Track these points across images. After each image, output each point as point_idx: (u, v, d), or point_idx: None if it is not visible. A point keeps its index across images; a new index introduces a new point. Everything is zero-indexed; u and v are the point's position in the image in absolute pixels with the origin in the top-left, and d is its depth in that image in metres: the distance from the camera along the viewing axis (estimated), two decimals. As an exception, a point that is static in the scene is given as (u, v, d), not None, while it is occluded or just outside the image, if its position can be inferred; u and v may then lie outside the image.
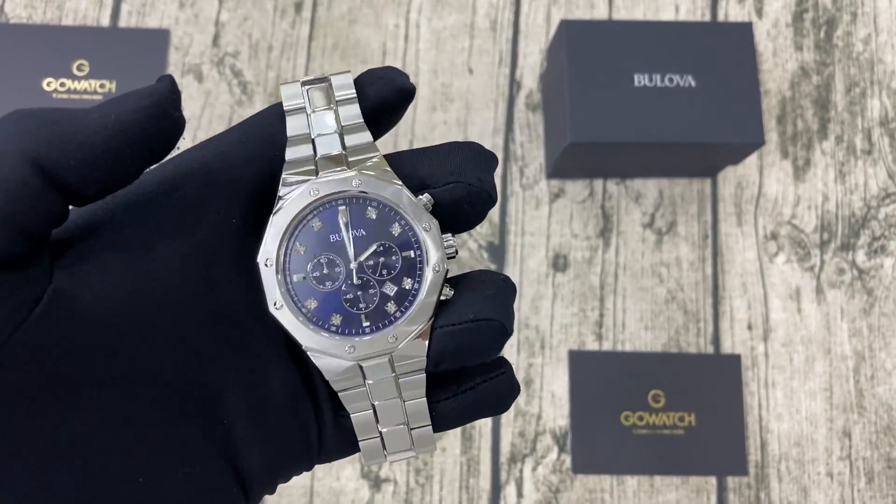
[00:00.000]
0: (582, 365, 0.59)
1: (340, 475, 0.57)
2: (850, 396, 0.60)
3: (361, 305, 0.22)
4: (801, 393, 0.60)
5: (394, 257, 0.22)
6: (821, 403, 0.60)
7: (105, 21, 0.65)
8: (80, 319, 0.19)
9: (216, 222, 0.21)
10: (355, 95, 0.22)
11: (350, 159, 0.22)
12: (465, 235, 0.60)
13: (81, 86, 0.63)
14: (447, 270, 0.22)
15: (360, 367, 0.21)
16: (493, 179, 0.23)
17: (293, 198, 0.21)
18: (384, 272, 0.22)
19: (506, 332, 0.22)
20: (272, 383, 0.22)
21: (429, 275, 0.22)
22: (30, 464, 0.18)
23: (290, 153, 0.22)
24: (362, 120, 0.22)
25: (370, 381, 0.21)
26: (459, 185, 0.22)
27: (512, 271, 0.61)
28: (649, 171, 0.62)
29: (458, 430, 0.58)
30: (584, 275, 0.61)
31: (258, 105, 0.63)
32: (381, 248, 0.22)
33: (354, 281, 0.22)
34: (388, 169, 0.22)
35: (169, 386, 0.20)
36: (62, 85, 0.63)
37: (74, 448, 0.19)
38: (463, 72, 0.65)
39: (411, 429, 0.22)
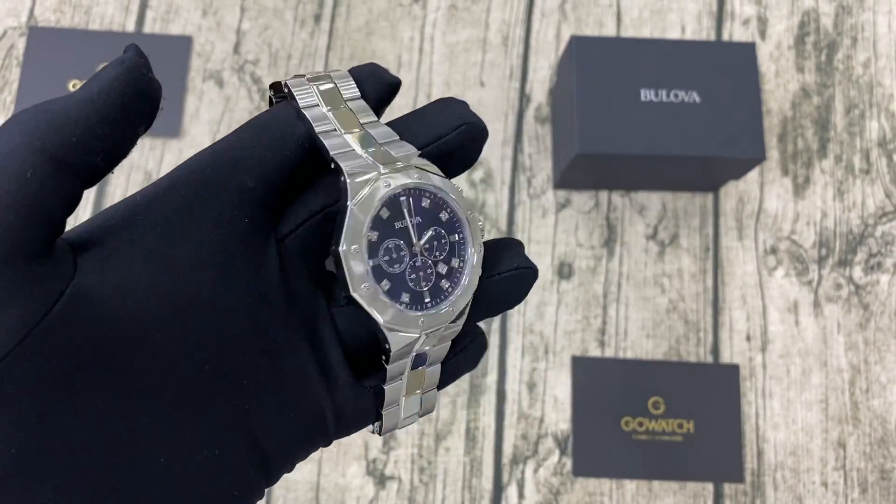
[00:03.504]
0: (584, 370, 0.61)
1: (346, 472, 0.59)
2: (846, 408, 0.61)
3: (423, 284, 0.24)
4: (798, 404, 0.61)
5: (443, 241, 0.25)
6: (816, 414, 0.61)
7: (130, 27, 0.67)
8: (103, 313, 0.20)
9: (229, 222, 0.23)
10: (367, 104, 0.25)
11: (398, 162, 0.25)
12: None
13: (106, 88, 0.65)
14: (483, 249, 0.26)
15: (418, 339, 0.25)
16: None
17: (366, 193, 0.23)
18: (437, 254, 0.25)
19: (537, 276, 0.26)
20: (290, 365, 0.23)
21: (472, 254, 0.25)
22: (57, 456, 0.19)
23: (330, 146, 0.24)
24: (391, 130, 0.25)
25: (416, 353, 0.25)
26: (468, 126, 0.25)
27: (518, 278, 0.63)
28: (653, 185, 0.64)
29: (463, 431, 0.60)
30: (588, 283, 0.63)
31: (276, 111, 0.65)
32: (435, 233, 0.25)
33: (417, 263, 0.24)
34: (431, 165, 0.26)
35: (192, 374, 0.22)
36: (87, 87, 0.65)
37: (99, 435, 0.20)
38: (475, 84, 0.67)
39: (424, 392, 0.26)
